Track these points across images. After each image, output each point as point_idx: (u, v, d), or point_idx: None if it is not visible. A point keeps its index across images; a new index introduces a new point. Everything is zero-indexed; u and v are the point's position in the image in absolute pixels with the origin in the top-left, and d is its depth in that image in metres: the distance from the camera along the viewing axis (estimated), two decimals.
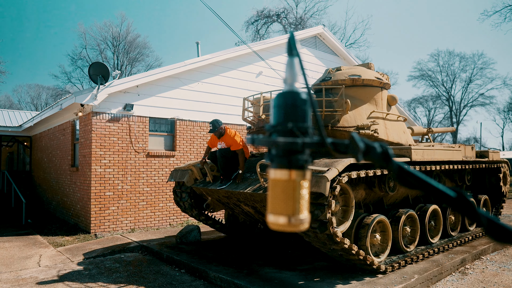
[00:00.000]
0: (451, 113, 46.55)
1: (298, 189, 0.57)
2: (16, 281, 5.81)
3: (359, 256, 5.01)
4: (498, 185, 8.94)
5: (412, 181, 0.55)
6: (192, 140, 10.62)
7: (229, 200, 6.49)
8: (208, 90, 10.92)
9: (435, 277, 5.53)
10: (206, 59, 10.65)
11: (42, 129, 14.06)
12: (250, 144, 0.60)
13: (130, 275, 5.97)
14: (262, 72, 12.15)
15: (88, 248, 7.73)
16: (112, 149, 9.23)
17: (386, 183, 5.82)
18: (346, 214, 5.19)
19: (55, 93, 44.95)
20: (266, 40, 12.86)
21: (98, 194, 9.05)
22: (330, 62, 14.11)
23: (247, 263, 6.12)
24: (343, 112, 5.97)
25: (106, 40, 39.84)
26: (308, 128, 0.57)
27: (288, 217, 0.57)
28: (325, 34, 14.16)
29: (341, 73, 6.63)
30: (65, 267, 6.51)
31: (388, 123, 6.63)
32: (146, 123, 9.77)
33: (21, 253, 7.56)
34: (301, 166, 0.56)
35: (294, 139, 0.55)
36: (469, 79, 45.54)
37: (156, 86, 9.92)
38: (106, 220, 9.16)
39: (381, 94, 6.73)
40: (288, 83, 0.59)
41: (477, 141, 48.76)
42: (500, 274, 5.81)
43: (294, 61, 0.59)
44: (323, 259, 6.30)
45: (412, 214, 6.27)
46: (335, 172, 4.55)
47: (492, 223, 0.52)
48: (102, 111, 9.07)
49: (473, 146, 8.31)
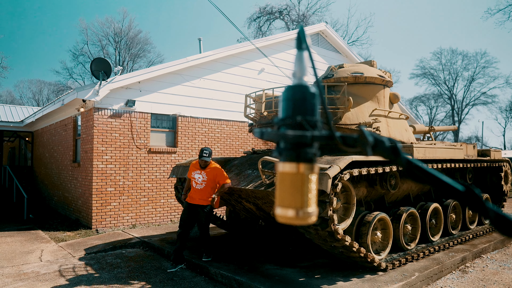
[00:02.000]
0: (453, 111, 46.45)
1: (307, 183, 0.57)
2: (18, 275, 5.84)
3: (360, 254, 5.02)
4: (500, 184, 8.93)
5: (421, 175, 0.55)
6: (194, 136, 10.62)
7: (230, 196, 6.50)
8: (210, 86, 10.91)
9: (435, 275, 5.54)
10: (208, 56, 10.64)
11: (43, 125, 14.07)
12: (259, 138, 0.60)
13: (132, 271, 5.99)
14: (264, 69, 12.14)
15: (90, 243, 7.76)
16: (113, 145, 9.24)
17: (388, 181, 5.83)
18: (348, 212, 5.19)
19: (56, 89, 44.98)
20: (269, 37, 12.83)
21: (100, 190, 9.07)
22: (332, 60, 14.09)
23: (248, 260, 6.14)
24: (345, 110, 5.96)
25: (107, 36, 39.80)
26: (317, 121, 0.57)
27: (296, 210, 0.58)
28: (328, 32, 14.13)
29: (343, 71, 6.62)
30: (66, 262, 6.53)
31: (390, 121, 6.63)
32: (148, 119, 9.77)
33: (22, 248, 7.59)
34: (309, 159, 0.57)
35: (303, 132, 0.55)
36: (471, 77, 45.42)
37: (158, 82, 9.91)
38: (108, 216, 9.18)
39: (384, 92, 6.72)
40: (297, 77, 0.59)
41: (478, 140, 48.68)
42: (500, 273, 5.82)
43: (303, 55, 0.59)
44: (324, 256, 6.31)
45: (413, 212, 6.27)
46: (336, 169, 4.56)
47: (500, 217, 0.53)
48: (104, 107, 9.07)
49: (474, 144, 8.30)
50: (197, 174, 5.92)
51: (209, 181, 5.88)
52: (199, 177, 5.90)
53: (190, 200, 5.97)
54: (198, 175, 5.91)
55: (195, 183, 5.91)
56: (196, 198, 5.93)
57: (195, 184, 5.91)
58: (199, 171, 5.94)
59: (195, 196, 5.92)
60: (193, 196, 5.94)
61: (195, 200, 5.92)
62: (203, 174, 5.90)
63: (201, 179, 5.91)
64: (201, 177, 5.91)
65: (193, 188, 5.93)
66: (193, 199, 5.93)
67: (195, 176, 5.93)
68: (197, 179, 5.90)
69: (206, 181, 5.88)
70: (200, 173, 5.92)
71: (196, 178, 5.92)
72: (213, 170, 5.91)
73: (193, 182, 5.92)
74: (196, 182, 5.91)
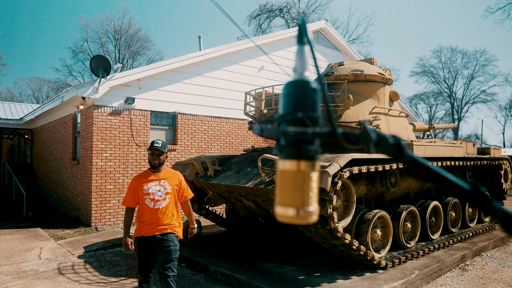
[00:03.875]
0: (453, 109, 46.45)
1: (307, 181, 0.56)
2: (17, 273, 5.83)
3: (359, 252, 5.01)
4: (499, 182, 8.93)
5: (425, 172, 0.53)
6: (194, 134, 10.60)
7: (230, 194, 6.49)
8: (209, 84, 10.89)
9: (435, 273, 5.53)
10: (208, 53, 10.61)
11: (43, 122, 14.05)
12: (259, 135, 0.58)
13: (131, 269, 5.99)
14: (264, 66, 12.11)
15: (89, 241, 7.75)
16: (113, 142, 9.22)
17: (388, 179, 5.81)
18: (347, 210, 5.18)
19: (56, 86, 44.88)
20: (269, 34, 12.81)
21: (99, 188, 9.06)
22: (332, 57, 14.07)
23: (248, 258, 6.13)
24: (345, 107, 5.94)
25: (107, 33, 39.72)
26: (318, 117, 0.55)
27: (297, 209, 0.56)
28: (328, 29, 14.10)
29: (343, 68, 6.60)
30: (65, 260, 6.52)
31: (390, 119, 6.61)
32: (147, 116, 9.75)
33: (21, 246, 7.58)
34: (310, 156, 0.55)
35: (304, 129, 0.53)
36: (471, 76, 45.38)
37: (157, 79, 9.89)
38: (107, 214, 9.17)
39: (384, 89, 6.70)
40: (298, 72, 0.57)
41: (478, 138, 48.67)
42: (500, 271, 5.81)
43: (304, 49, 0.58)
44: (324, 254, 6.31)
45: (413, 210, 6.26)
46: (336, 167, 4.54)
47: (508, 216, 0.51)
48: (103, 104, 9.05)
49: (474, 143, 8.29)
50: (153, 185, 3.92)
51: (173, 192, 4.00)
52: (158, 189, 3.92)
53: (146, 230, 3.87)
54: (155, 186, 3.92)
55: (152, 200, 3.88)
56: (157, 224, 3.86)
57: (152, 203, 3.87)
58: (156, 180, 3.96)
59: (155, 221, 3.86)
60: (151, 221, 3.86)
61: (156, 229, 3.85)
62: (163, 183, 3.96)
63: (161, 191, 3.93)
64: (161, 188, 3.93)
65: (150, 210, 3.87)
66: (152, 227, 3.85)
67: (150, 189, 3.90)
68: (155, 193, 3.90)
69: (170, 193, 3.97)
70: (159, 182, 3.95)
71: (153, 192, 3.89)
72: (175, 175, 4.12)
73: (147, 201, 3.89)
74: (154, 198, 3.89)
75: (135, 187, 3.96)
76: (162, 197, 3.90)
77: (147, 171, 4.05)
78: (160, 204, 3.88)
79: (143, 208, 3.90)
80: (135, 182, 3.98)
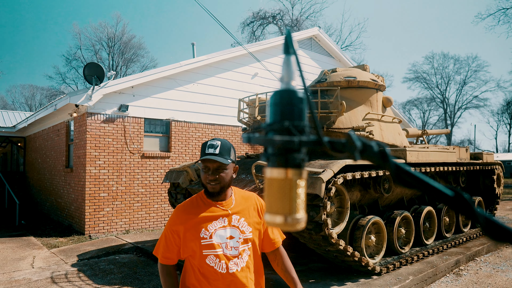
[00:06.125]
0: (446, 115, 46.82)
1: (295, 188, 0.57)
2: (9, 282, 5.76)
3: (354, 258, 5.01)
4: (492, 187, 8.99)
5: (409, 180, 0.54)
6: (187, 141, 10.59)
7: None
8: (203, 91, 10.90)
9: (429, 278, 5.54)
10: (202, 60, 10.64)
11: (36, 130, 13.97)
12: (246, 143, 0.59)
13: (125, 277, 5.94)
14: (257, 73, 12.16)
15: (82, 249, 7.68)
16: (106, 150, 9.18)
17: (381, 185, 5.84)
18: (341, 216, 5.19)
19: (49, 94, 44.75)
20: (262, 41, 12.87)
21: (93, 195, 9.00)
22: (325, 64, 14.15)
23: None
24: (338, 114, 5.97)
25: (101, 41, 39.73)
26: (305, 126, 0.56)
27: (285, 216, 0.57)
28: (321, 36, 14.20)
29: (336, 75, 6.65)
30: (59, 269, 6.46)
31: (383, 125, 6.65)
32: (141, 124, 9.73)
33: (14, 255, 7.49)
34: (297, 164, 0.56)
35: (290, 138, 0.54)
36: (463, 81, 45.89)
37: (151, 87, 9.89)
38: (101, 222, 9.11)
39: (376, 95, 6.75)
40: (284, 82, 0.58)
41: (471, 143, 49.04)
42: (494, 275, 5.84)
43: (290, 59, 0.59)
44: (318, 260, 6.30)
45: (407, 215, 6.28)
46: (330, 173, 4.56)
47: (490, 222, 0.52)
48: (96, 111, 9.02)
49: (467, 148, 8.36)
50: (220, 227, 1.94)
51: (256, 235, 2.06)
52: (230, 235, 1.95)
53: None
54: (224, 230, 1.95)
55: (221, 258, 1.91)
56: None
57: (221, 264, 1.91)
58: (223, 216, 1.97)
59: None
60: None
61: None
62: (237, 222, 1.99)
63: (236, 237, 1.96)
64: (235, 232, 1.96)
65: (219, 276, 1.90)
66: None
67: (215, 237, 1.92)
68: (227, 244, 1.94)
69: (250, 239, 2.01)
70: (229, 222, 1.97)
71: (220, 243, 1.93)
72: (251, 200, 2.11)
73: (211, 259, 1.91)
74: (226, 255, 1.93)
75: (181, 231, 1.96)
76: (239, 249, 1.95)
77: (201, 197, 2.05)
78: (237, 263, 1.94)
79: (203, 271, 1.92)
80: (178, 219, 1.99)
